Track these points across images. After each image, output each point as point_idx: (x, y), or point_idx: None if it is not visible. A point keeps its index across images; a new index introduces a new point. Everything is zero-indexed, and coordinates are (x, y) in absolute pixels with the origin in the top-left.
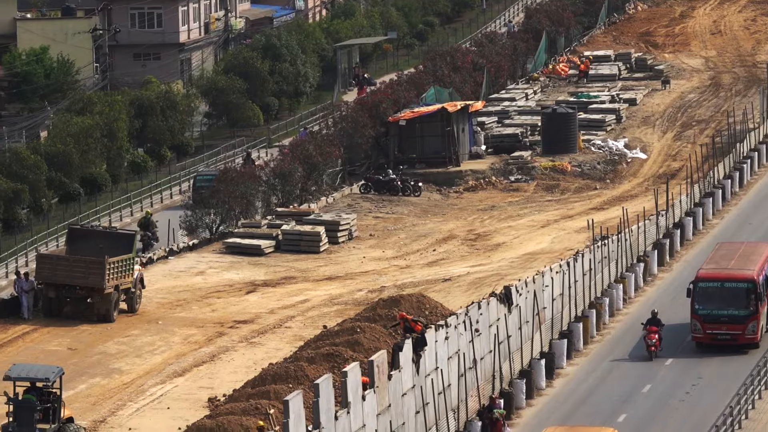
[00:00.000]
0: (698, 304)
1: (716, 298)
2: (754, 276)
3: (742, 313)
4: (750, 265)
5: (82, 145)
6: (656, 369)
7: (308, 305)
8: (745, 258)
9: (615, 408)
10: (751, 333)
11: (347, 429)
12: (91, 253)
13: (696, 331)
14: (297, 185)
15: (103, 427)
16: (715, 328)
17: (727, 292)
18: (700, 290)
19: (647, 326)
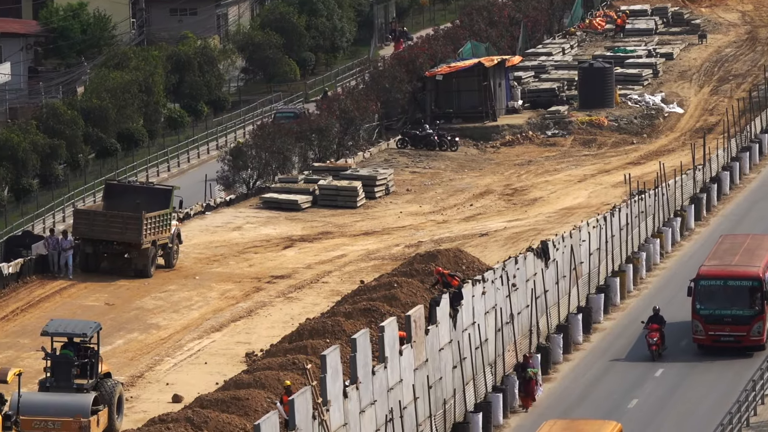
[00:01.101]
0: (700, 303)
1: (719, 298)
2: (759, 273)
3: (746, 313)
4: (755, 261)
5: (119, 100)
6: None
7: (345, 260)
8: (751, 253)
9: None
10: (756, 334)
11: (384, 384)
12: (128, 208)
13: (697, 333)
14: (334, 140)
15: (140, 382)
16: (718, 329)
17: (730, 291)
18: (702, 289)
19: (648, 324)
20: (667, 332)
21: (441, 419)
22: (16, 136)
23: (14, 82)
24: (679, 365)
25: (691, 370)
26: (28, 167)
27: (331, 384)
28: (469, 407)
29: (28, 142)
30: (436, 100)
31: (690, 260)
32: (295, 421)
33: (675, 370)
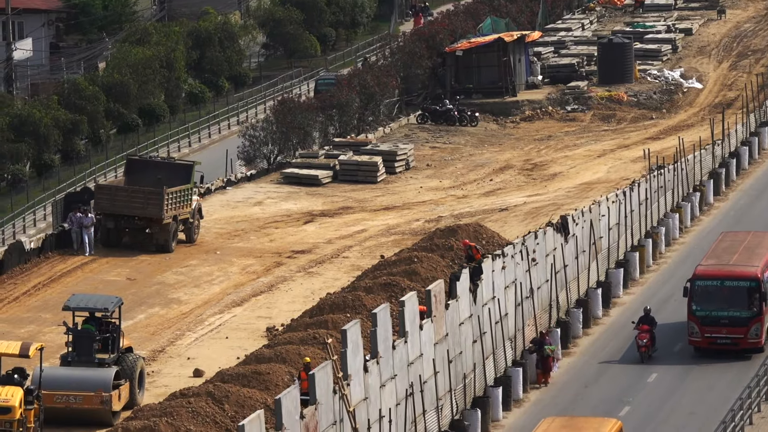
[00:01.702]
0: (696, 304)
1: (716, 298)
2: (757, 273)
3: (744, 314)
4: (754, 261)
5: (141, 76)
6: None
7: (365, 235)
8: (750, 252)
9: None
10: (754, 337)
11: (405, 358)
12: (150, 183)
13: (693, 335)
14: (354, 116)
15: (161, 356)
16: (715, 331)
17: (727, 292)
18: (699, 289)
19: (639, 325)
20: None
21: (461, 393)
22: (38, 112)
23: (36, 58)
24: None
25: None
26: (50, 143)
27: (352, 358)
28: (489, 381)
29: (49, 117)
30: (456, 75)
31: (709, 235)
32: (316, 396)
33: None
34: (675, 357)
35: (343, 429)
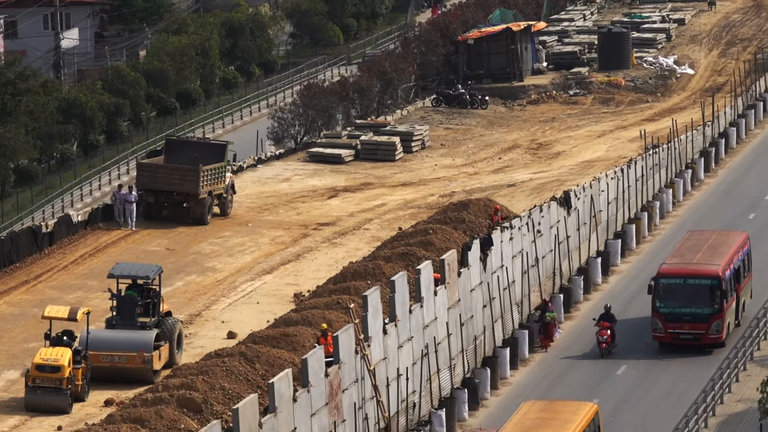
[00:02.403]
0: (660, 301)
1: (679, 296)
2: (719, 272)
3: (705, 311)
4: (716, 259)
5: (178, 63)
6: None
7: (385, 209)
8: (713, 250)
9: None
10: (715, 332)
11: (420, 322)
12: (187, 162)
13: (657, 331)
14: (374, 99)
15: (198, 320)
16: (678, 327)
17: (690, 289)
18: (662, 287)
19: (599, 321)
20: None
21: (472, 354)
22: (84, 96)
23: (82, 46)
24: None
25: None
26: (95, 124)
27: (372, 322)
28: (498, 343)
29: (95, 101)
30: (467, 62)
31: (700, 209)
32: (340, 356)
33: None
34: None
35: (364, 386)
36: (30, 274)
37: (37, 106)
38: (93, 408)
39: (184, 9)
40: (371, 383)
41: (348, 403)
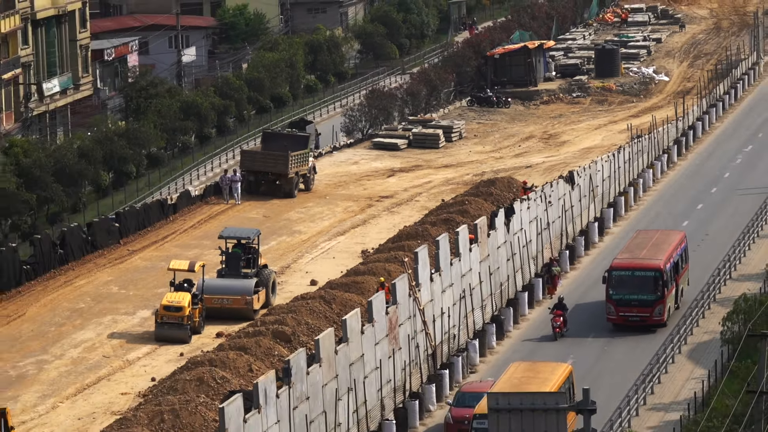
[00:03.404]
0: (612, 290)
1: (628, 285)
2: (660, 266)
3: (650, 297)
4: (659, 255)
5: (272, 73)
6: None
7: (431, 185)
8: (656, 247)
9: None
10: (657, 315)
11: (458, 272)
12: (279, 149)
13: (610, 314)
14: (422, 101)
15: (287, 271)
16: (627, 310)
17: (637, 280)
18: (614, 278)
19: (553, 310)
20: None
21: (498, 296)
22: (199, 99)
23: (198, 60)
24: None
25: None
26: (208, 120)
27: (422, 272)
28: (518, 288)
29: (208, 102)
30: (494, 72)
31: (674, 185)
32: (397, 298)
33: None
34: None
35: (415, 322)
36: (158, 236)
37: (163, 107)
38: (207, 339)
39: (276, 31)
40: (421, 319)
41: (403, 334)
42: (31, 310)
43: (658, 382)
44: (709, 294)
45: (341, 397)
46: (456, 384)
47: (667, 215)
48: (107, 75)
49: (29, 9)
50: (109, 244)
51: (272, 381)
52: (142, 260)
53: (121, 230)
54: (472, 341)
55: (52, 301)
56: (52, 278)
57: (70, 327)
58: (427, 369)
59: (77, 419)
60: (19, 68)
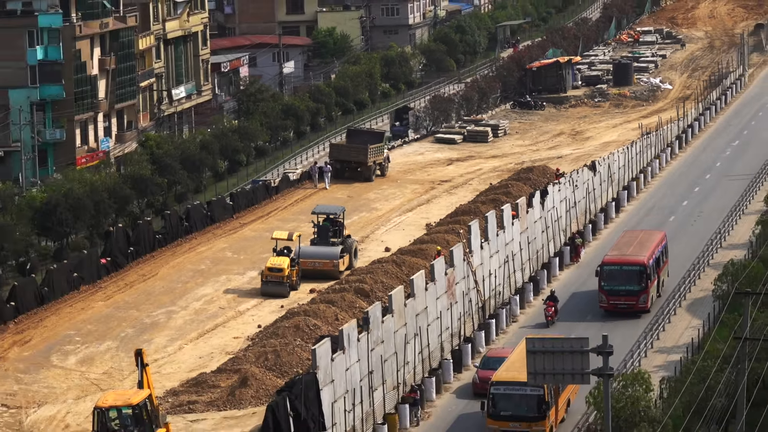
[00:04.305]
0: (603, 282)
1: (617, 277)
2: (644, 261)
3: (635, 288)
4: (643, 252)
5: (354, 82)
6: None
7: (481, 172)
8: (641, 245)
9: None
10: (642, 303)
11: (503, 241)
12: (360, 142)
13: (602, 302)
14: (475, 104)
15: (366, 240)
16: (616, 299)
17: (624, 273)
18: (605, 272)
19: (546, 301)
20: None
21: (535, 261)
22: (297, 102)
23: (296, 72)
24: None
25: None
26: (303, 120)
27: (474, 241)
28: (551, 254)
29: (304, 106)
30: (532, 81)
31: (675, 173)
32: (453, 262)
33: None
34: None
35: (469, 281)
36: (264, 212)
37: (268, 109)
38: (302, 294)
39: (358, 49)
40: (473, 279)
41: (459, 291)
42: (162, 271)
43: (662, 330)
44: (704, 260)
45: (409, 341)
46: (501, 331)
47: (671, 196)
48: (223, 83)
49: (161, 31)
50: (224, 218)
51: (354, 328)
52: (251, 231)
53: (234, 207)
54: (514, 296)
55: (178, 264)
56: (178, 245)
57: (193, 284)
58: (478, 319)
59: (198, 358)
60: (153, 78)
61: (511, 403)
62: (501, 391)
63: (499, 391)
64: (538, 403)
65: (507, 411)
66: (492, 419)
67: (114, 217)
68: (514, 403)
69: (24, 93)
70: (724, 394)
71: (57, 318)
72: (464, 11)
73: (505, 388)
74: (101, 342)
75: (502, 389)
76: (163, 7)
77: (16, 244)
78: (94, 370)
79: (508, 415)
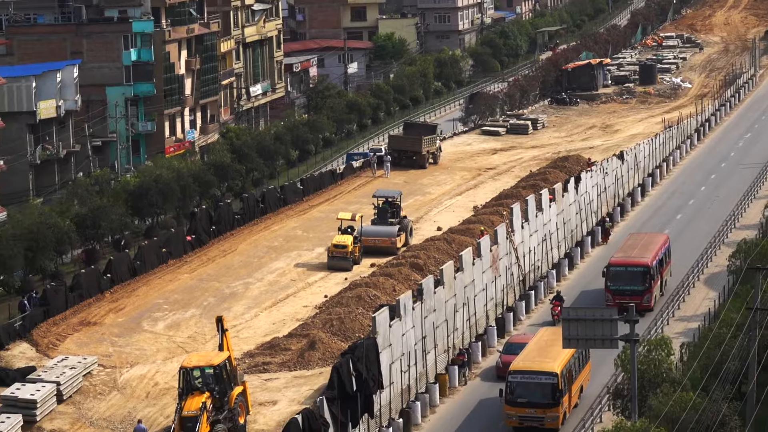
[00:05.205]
0: (610, 282)
1: (622, 278)
2: (648, 262)
3: (639, 288)
4: (647, 254)
5: (410, 81)
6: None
7: (522, 160)
8: (645, 247)
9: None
10: (646, 302)
11: (541, 222)
12: (415, 134)
13: (608, 301)
14: (517, 100)
15: (420, 220)
16: (622, 298)
17: (629, 274)
18: (611, 272)
19: (553, 301)
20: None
21: (569, 239)
22: (359, 99)
23: (359, 72)
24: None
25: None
26: (365, 114)
27: (516, 221)
28: (584, 233)
29: (365, 102)
30: (567, 80)
31: (694, 162)
32: (497, 240)
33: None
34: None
35: (511, 257)
36: (329, 195)
37: (334, 105)
38: (364, 268)
39: (414, 51)
40: (515, 255)
41: (502, 266)
42: (241, 247)
43: (683, 300)
44: (719, 239)
45: (458, 310)
46: (539, 301)
47: (690, 182)
48: (295, 82)
49: (241, 35)
50: (295, 200)
51: (409, 298)
52: (319, 212)
53: (304, 191)
54: (551, 270)
55: (255, 241)
56: (255, 225)
57: (267, 259)
58: (519, 290)
59: (272, 324)
60: (233, 77)
61: (527, 391)
62: (518, 380)
63: (516, 379)
64: (552, 390)
65: (523, 398)
66: (509, 405)
67: (198, 200)
68: (530, 391)
69: (120, 90)
70: (738, 358)
71: (147, 288)
72: (508, 19)
73: (521, 376)
74: (186, 310)
75: (518, 378)
76: (243, 14)
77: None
78: (179, 335)
79: (524, 402)
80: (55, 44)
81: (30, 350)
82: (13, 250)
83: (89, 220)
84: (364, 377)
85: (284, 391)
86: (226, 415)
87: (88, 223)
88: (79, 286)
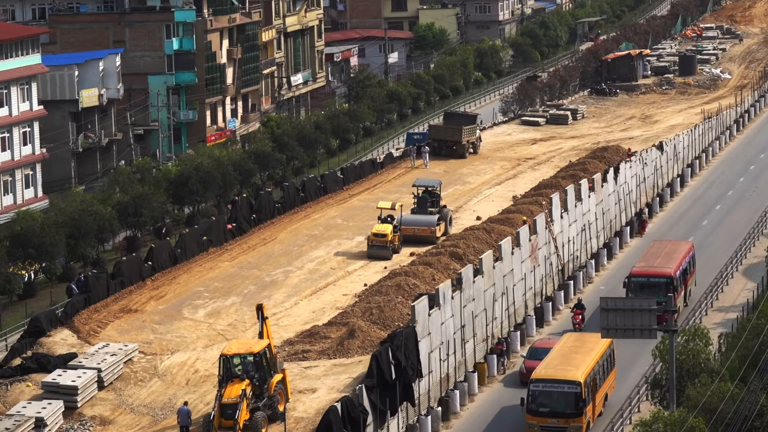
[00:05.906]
0: (632, 293)
1: (645, 289)
2: (671, 273)
3: (662, 299)
4: (670, 263)
5: (451, 71)
6: None
7: (561, 150)
8: (668, 257)
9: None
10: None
11: (581, 212)
12: (455, 123)
13: None
14: (557, 91)
15: (460, 210)
16: None
17: (652, 285)
18: (633, 283)
19: (574, 309)
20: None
21: (608, 229)
22: (400, 88)
23: (399, 62)
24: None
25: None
26: (406, 104)
27: (555, 211)
28: (623, 224)
29: (406, 91)
30: (607, 71)
31: (733, 152)
32: (536, 230)
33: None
34: None
35: (550, 246)
36: (369, 185)
37: (374, 94)
38: (403, 257)
39: (454, 41)
40: (554, 244)
41: (541, 255)
42: (281, 235)
43: (721, 291)
44: (758, 229)
45: (497, 299)
46: (578, 291)
47: (729, 172)
48: (336, 71)
49: (282, 25)
50: (335, 189)
51: (449, 287)
52: (359, 201)
53: (344, 180)
54: (590, 260)
55: (295, 229)
56: (295, 213)
57: (307, 247)
58: (558, 280)
59: (312, 312)
60: (274, 66)
61: (550, 400)
62: (540, 388)
63: (538, 388)
64: (575, 400)
65: (545, 407)
66: (531, 415)
67: (239, 188)
68: (553, 400)
69: (161, 79)
70: None
71: (188, 276)
72: (548, 9)
73: (543, 385)
74: (227, 297)
75: (540, 386)
76: (284, 4)
77: (154, 211)
78: (220, 322)
79: (546, 411)
80: (97, 33)
81: (71, 337)
82: (55, 237)
83: (131, 208)
84: (403, 366)
85: (323, 379)
86: (265, 403)
87: (130, 211)
88: (121, 274)
